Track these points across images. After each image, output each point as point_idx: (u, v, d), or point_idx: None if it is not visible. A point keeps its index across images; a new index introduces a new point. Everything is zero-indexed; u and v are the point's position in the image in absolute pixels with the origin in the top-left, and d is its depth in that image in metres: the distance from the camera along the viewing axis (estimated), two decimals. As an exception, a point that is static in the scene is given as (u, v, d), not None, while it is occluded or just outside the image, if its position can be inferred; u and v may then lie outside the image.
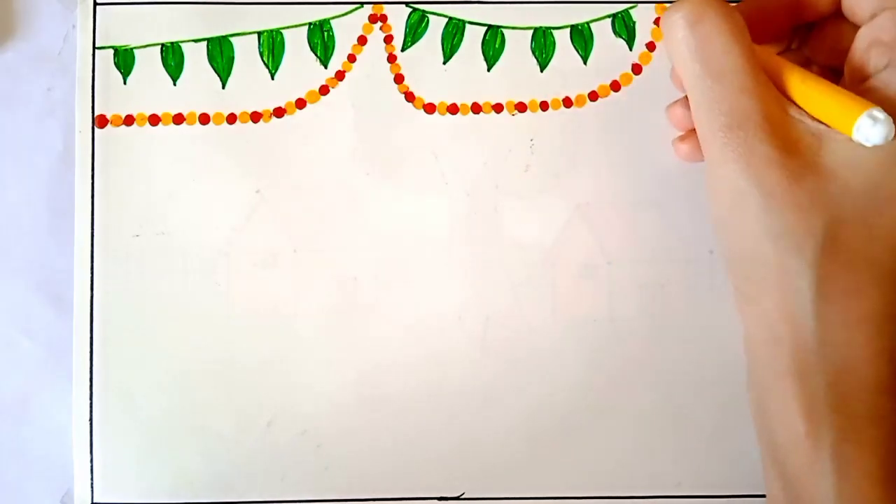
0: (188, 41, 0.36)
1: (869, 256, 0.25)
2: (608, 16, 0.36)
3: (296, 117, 0.36)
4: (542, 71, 0.36)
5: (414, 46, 0.36)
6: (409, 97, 0.36)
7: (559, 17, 0.36)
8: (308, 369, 0.35)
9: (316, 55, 0.36)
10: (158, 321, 0.35)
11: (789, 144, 0.26)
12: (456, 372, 0.35)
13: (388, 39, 0.36)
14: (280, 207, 0.36)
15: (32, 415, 0.35)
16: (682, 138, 0.34)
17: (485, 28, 0.36)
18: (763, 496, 0.36)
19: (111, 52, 0.36)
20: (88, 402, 0.35)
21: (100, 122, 0.36)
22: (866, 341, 0.25)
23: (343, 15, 0.36)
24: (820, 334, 0.25)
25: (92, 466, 0.35)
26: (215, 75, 0.36)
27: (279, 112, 0.36)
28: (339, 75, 0.36)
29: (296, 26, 0.36)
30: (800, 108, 0.27)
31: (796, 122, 0.26)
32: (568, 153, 0.36)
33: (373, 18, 0.36)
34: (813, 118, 0.27)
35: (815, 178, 0.25)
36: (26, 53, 0.36)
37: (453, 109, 0.36)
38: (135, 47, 0.36)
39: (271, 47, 0.36)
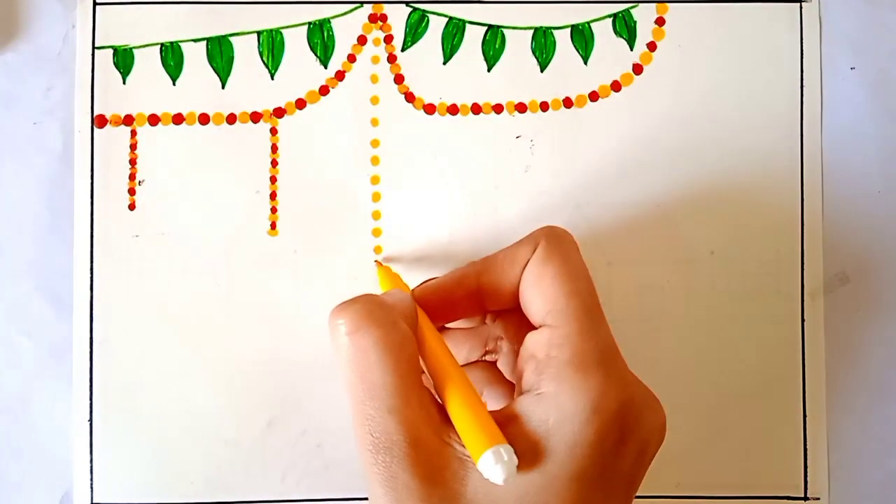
0: (188, 41, 0.36)
1: None
2: (609, 16, 0.36)
3: (296, 117, 0.36)
4: (542, 71, 0.36)
5: (414, 46, 0.36)
6: (409, 97, 0.36)
7: (559, 17, 0.36)
8: (308, 369, 0.35)
9: (316, 55, 0.36)
10: (158, 321, 0.35)
11: (435, 472, 0.25)
12: (456, 372, 0.35)
13: (389, 39, 0.36)
14: (280, 208, 0.36)
15: (32, 415, 0.35)
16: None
17: (485, 28, 0.36)
18: (764, 497, 0.36)
19: (111, 52, 0.36)
20: (88, 402, 0.35)
21: (99, 122, 0.36)
22: None
23: (343, 15, 0.36)
24: None
25: (92, 466, 0.35)
26: (215, 75, 0.36)
27: (279, 112, 0.36)
28: (339, 75, 0.36)
29: (296, 26, 0.36)
30: (453, 429, 0.26)
31: (445, 446, 0.25)
32: (568, 153, 0.36)
33: (373, 18, 0.36)
34: (461, 442, 0.25)
35: None
36: (26, 53, 0.36)
37: (453, 110, 0.36)
38: (134, 47, 0.36)
39: (271, 47, 0.36)
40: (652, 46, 0.36)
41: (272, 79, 0.36)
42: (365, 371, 0.25)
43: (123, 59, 0.36)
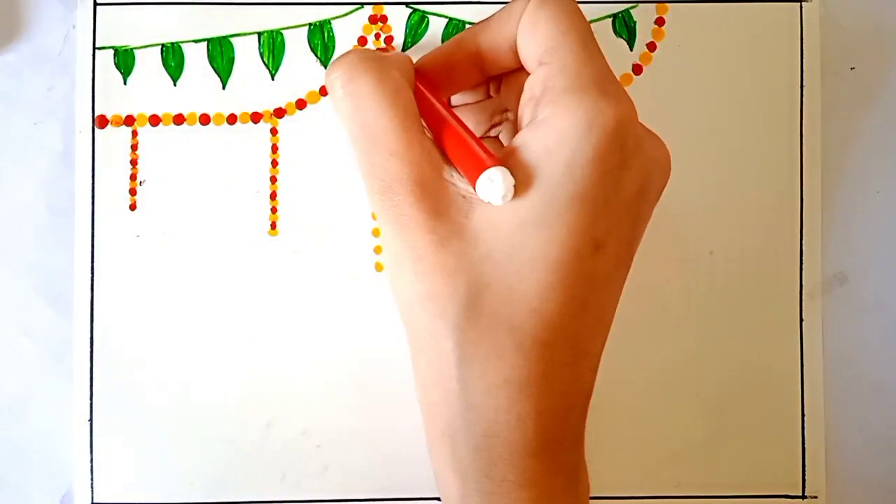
0: (188, 41, 0.36)
1: (510, 320, 0.24)
2: (608, 16, 0.36)
3: (296, 117, 0.36)
4: (542, 71, 0.36)
5: (414, 47, 0.36)
6: (410, 97, 0.36)
7: (559, 18, 0.36)
8: (308, 369, 0.35)
9: (316, 56, 0.36)
10: (159, 321, 0.35)
11: (441, 208, 0.26)
12: (456, 372, 0.35)
13: (389, 40, 0.36)
14: (280, 208, 0.36)
15: (32, 415, 0.35)
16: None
17: (485, 28, 0.36)
18: (764, 497, 0.36)
19: (111, 52, 0.36)
20: (88, 402, 0.35)
21: (100, 122, 0.35)
22: (509, 405, 0.25)
23: (343, 15, 0.36)
24: (464, 398, 0.25)
25: (92, 466, 0.35)
26: (215, 75, 0.36)
27: (279, 112, 0.36)
28: (340, 75, 0.36)
29: (296, 27, 0.36)
30: (455, 168, 0.26)
31: (448, 184, 0.26)
32: (568, 153, 0.36)
33: (373, 19, 0.36)
34: (463, 179, 0.26)
35: (460, 242, 0.25)
36: (26, 53, 0.36)
37: (453, 110, 0.36)
38: (135, 47, 0.36)
39: (271, 47, 0.36)
40: (652, 46, 0.36)
41: (273, 79, 0.36)
42: (364, 119, 0.26)
43: (124, 60, 0.36)
